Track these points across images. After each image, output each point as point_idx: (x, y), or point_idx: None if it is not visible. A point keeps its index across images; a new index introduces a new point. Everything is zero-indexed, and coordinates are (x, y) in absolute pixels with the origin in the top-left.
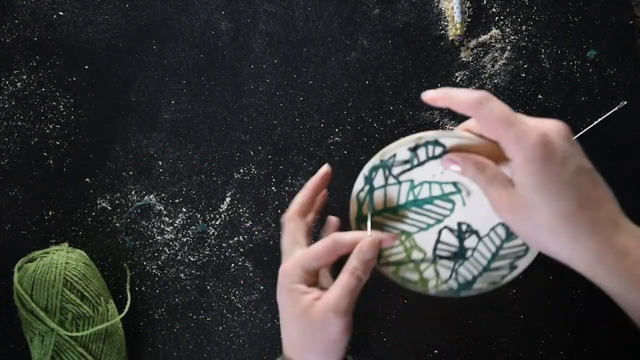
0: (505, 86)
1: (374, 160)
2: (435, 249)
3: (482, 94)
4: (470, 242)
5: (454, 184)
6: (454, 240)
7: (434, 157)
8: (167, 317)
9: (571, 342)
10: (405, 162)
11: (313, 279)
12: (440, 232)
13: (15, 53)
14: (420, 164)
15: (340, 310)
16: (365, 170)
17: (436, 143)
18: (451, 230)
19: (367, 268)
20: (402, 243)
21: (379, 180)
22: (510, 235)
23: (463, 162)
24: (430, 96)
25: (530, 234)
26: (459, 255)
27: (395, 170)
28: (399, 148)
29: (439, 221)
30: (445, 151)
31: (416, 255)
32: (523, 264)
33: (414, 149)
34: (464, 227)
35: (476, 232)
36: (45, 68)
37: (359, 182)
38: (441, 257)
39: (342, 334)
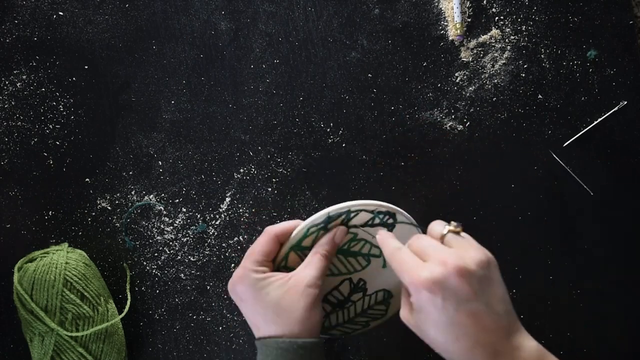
0: (505, 86)
1: (340, 208)
2: (328, 293)
3: (395, 245)
4: (355, 296)
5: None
6: (346, 291)
7: (383, 225)
8: (167, 317)
9: (571, 342)
10: (367, 221)
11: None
12: (342, 282)
13: (15, 53)
14: (371, 225)
15: (315, 283)
16: (331, 210)
17: (391, 215)
18: (351, 282)
19: (333, 250)
20: None
21: (334, 223)
22: (385, 300)
23: (390, 258)
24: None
25: (426, 340)
26: (340, 305)
27: (351, 222)
28: (366, 207)
29: (349, 272)
30: (395, 223)
31: None
32: (374, 324)
33: (374, 213)
34: (360, 283)
35: (364, 290)
36: (45, 68)
37: (319, 218)
38: (326, 301)
39: (316, 304)
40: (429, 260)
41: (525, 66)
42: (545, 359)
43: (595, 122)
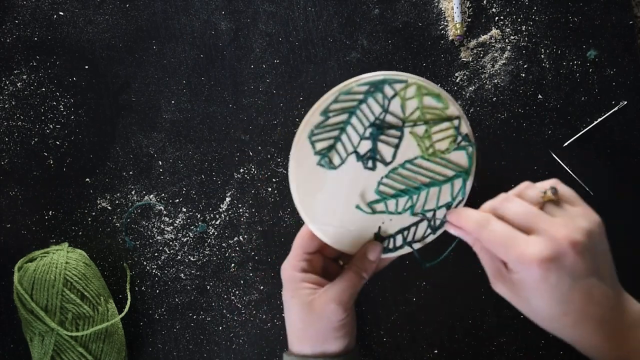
0: (505, 86)
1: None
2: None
3: (482, 217)
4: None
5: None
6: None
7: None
8: (167, 317)
9: None
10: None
11: (313, 269)
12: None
13: (15, 53)
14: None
15: (342, 301)
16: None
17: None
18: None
19: (370, 269)
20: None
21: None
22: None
23: (479, 233)
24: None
25: (524, 310)
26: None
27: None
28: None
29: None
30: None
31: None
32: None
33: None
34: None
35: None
36: (45, 68)
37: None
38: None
39: (340, 323)
40: (536, 233)
41: (525, 66)
42: None
43: (595, 122)
